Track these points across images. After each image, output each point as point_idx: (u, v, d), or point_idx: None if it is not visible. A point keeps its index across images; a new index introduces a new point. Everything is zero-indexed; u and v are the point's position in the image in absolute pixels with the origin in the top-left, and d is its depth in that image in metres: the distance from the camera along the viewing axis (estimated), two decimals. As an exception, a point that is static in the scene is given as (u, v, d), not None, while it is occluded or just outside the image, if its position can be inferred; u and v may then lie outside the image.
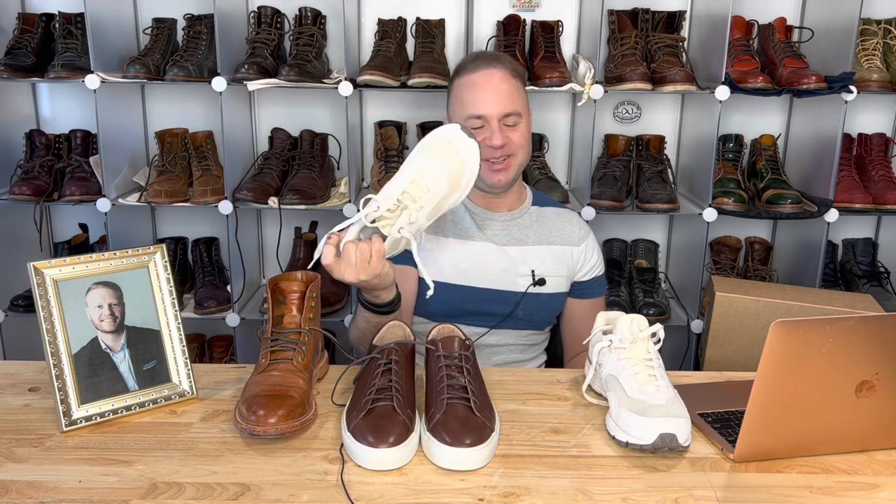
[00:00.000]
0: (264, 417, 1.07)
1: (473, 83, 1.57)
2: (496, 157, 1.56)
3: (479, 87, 1.57)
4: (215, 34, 2.21)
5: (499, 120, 1.55)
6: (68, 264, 1.19)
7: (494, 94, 1.55)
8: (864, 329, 1.04)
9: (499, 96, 1.55)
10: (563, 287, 1.69)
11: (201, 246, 2.52)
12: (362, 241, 1.26)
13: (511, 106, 1.56)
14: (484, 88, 1.56)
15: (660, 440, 1.07)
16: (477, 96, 1.56)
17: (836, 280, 2.52)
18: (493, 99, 1.55)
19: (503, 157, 1.57)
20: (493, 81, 1.56)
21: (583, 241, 1.72)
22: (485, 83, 1.56)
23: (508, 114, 1.56)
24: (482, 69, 1.58)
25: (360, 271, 1.26)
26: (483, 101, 1.55)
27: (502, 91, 1.56)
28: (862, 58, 2.29)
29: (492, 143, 1.54)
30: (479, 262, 1.62)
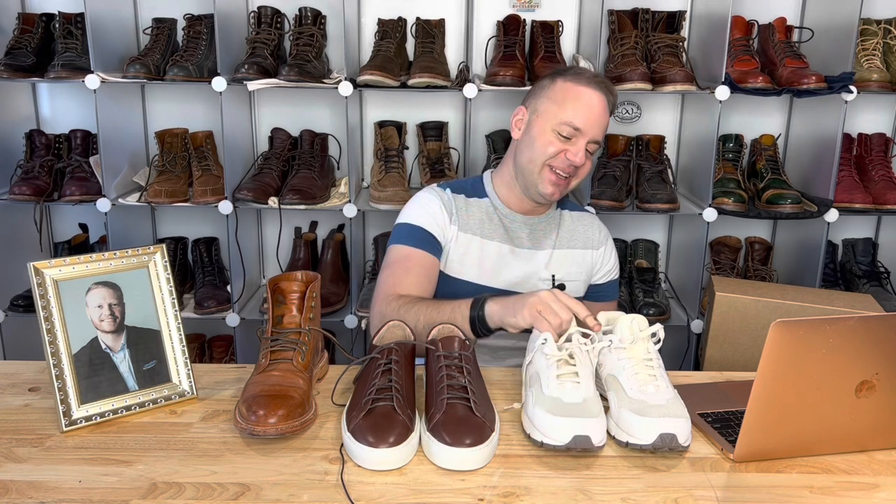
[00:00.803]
0: (264, 417, 1.07)
1: (584, 96, 1.57)
2: (564, 172, 1.57)
3: (587, 103, 1.57)
4: (215, 34, 2.21)
5: (587, 141, 1.57)
6: (68, 264, 1.19)
7: (598, 117, 1.57)
8: (864, 329, 1.04)
9: (600, 122, 1.58)
10: (581, 291, 1.70)
11: (201, 246, 2.52)
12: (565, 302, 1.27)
13: (600, 135, 1.60)
14: (592, 108, 1.57)
15: (660, 440, 1.06)
16: (582, 110, 1.56)
17: (836, 280, 2.52)
18: (595, 122, 1.57)
19: (568, 175, 1.58)
20: (601, 106, 1.58)
21: (602, 244, 1.73)
22: (594, 103, 1.57)
23: (596, 141, 1.59)
24: (597, 90, 1.58)
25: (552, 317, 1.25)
26: (587, 117, 1.56)
27: (603, 119, 1.59)
28: (862, 58, 2.29)
29: (573, 158, 1.55)
30: (500, 262, 1.63)
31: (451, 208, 1.64)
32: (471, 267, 1.61)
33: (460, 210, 1.64)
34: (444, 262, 1.62)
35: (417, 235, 1.59)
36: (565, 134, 1.55)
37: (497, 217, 1.66)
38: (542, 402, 1.11)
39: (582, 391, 1.11)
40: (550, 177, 1.57)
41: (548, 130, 1.57)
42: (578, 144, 1.55)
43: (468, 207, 1.66)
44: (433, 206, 1.63)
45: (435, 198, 1.64)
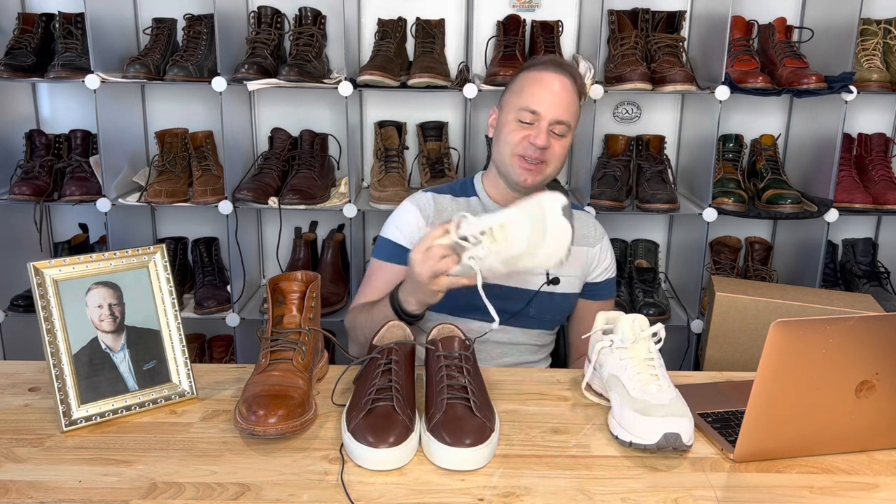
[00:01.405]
0: (264, 417, 1.07)
1: (539, 80, 1.59)
2: (531, 158, 1.57)
3: (543, 86, 1.58)
4: (215, 34, 2.21)
5: (549, 123, 1.56)
6: (68, 264, 1.19)
7: (555, 97, 1.57)
8: (864, 329, 1.04)
9: (559, 101, 1.57)
10: (576, 287, 1.70)
11: (201, 246, 2.52)
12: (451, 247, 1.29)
13: (565, 115, 1.57)
14: (547, 88, 1.57)
15: (664, 440, 1.07)
16: (538, 92, 1.57)
17: (836, 280, 2.52)
18: (553, 102, 1.56)
19: (537, 161, 1.57)
20: (557, 85, 1.57)
21: (598, 242, 1.72)
22: (549, 84, 1.57)
23: (560, 122, 1.57)
24: (552, 71, 1.59)
25: (427, 271, 1.29)
26: (543, 99, 1.56)
27: (562, 98, 1.57)
28: (862, 58, 2.29)
29: (535, 140, 1.55)
30: None
31: (429, 211, 1.65)
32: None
33: (444, 211, 1.65)
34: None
35: (389, 249, 1.65)
36: (526, 120, 1.56)
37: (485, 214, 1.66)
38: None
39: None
40: (521, 164, 1.58)
41: (511, 119, 1.59)
42: (540, 127, 1.56)
43: (456, 206, 1.67)
44: (408, 216, 1.66)
45: (412, 207, 1.67)
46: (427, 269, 1.30)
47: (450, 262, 1.29)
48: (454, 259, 1.29)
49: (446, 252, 1.29)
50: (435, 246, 1.29)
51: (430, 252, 1.29)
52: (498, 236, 1.25)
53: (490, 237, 1.25)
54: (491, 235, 1.25)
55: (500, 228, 1.25)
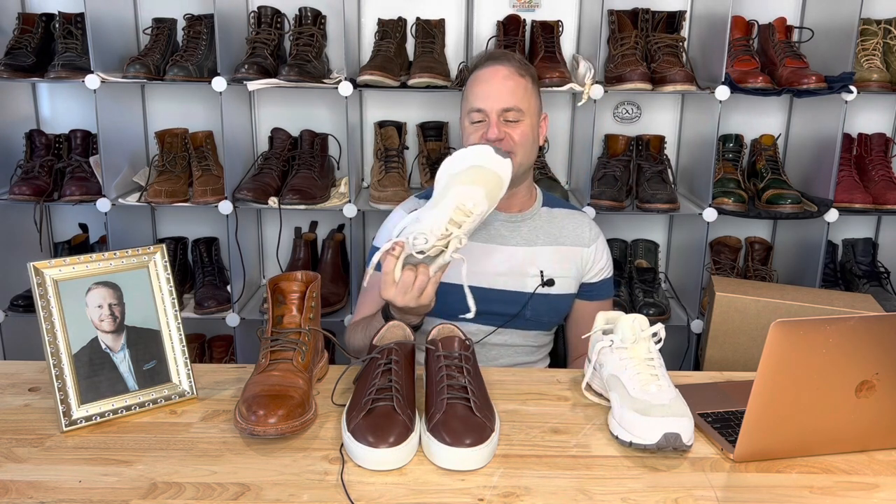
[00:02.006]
0: (264, 417, 1.07)
1: (478, 79, 1.62)
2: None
3: (482, 82, 1.60)
4: (215, 34, 2.21)
5: (498, 114, 1.57)
6: (68, 264, 1.19)
7: (496, 89, 1.58)
8: (864, 329, 1.04)
9: (500, 91, 1.58)
10: (572, 288, 1.70)
11: (201, 246, 2.52)
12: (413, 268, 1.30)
13: (511, 101, 1.57)
14: (487, 83, 1.59)
15: (664, 440, 1.07)
16: (479, 90, 1.60)
17: (836, 280, 2.52)
18: (494, 93, 1.58)
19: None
20: (496, 77, 1.59)
21: (593, 242, 1.72)
22: (488, 79, 1.60)
23: (508, 108, 1.57)
24: (488, 66, 1.61)
25: (411, 299, 1.30)
26: (484, 95, 1.58)
27: (505, 87, 1.58)
28: (862, 58, 2.29)
29: (488, 135, 1.56)
30: (487, 262, 1.63)
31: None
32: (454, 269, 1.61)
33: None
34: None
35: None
36: (477, 119, 1.59)
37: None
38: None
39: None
40: None
41: (467, 125, 1.62)
42: (490, 121, 1.57)
43: None
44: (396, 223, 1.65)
45: (400, 213, 1.68)
46: (412, 299, 1.30)
47: (423, 275, 1.29)
48: (425, 269, 1.29)
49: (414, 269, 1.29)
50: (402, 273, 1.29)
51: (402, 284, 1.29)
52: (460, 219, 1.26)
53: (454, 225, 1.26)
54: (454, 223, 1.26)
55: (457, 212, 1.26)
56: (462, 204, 1.28)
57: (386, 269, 1.30)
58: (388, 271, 1.30)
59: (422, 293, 1.30)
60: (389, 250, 1.29)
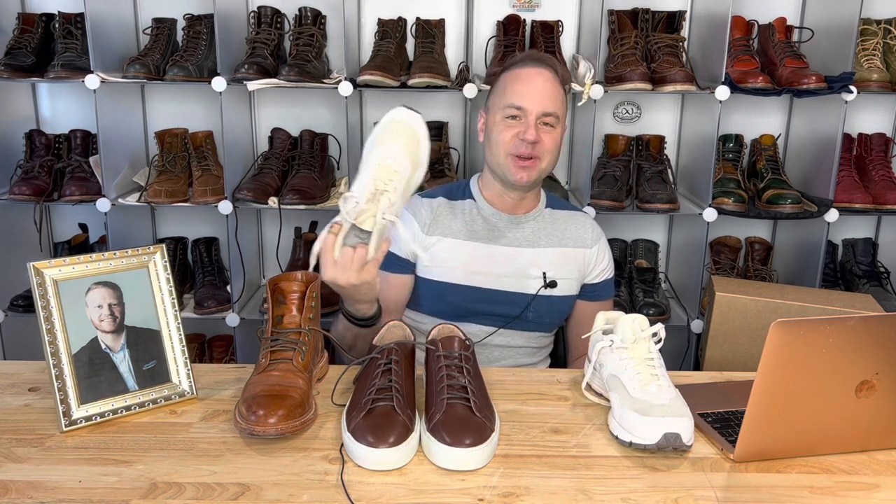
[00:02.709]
0: (264, 417, 1.07)
1: (519, 77, 1.59)
2: (524, 154, 1.56)
3: (524, 82, 1.58)
4: (215, 34, 2.21)
5: (537, 117, 1.56)
6: (68, 264, 1.19)
7: (538, 91, 1.57)
8: (864, 329, 1.04)
9: (542, 94, 1.57)
10: (574, 289, 1.70)
11: (201, 246, 2.52)
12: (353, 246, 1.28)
13: (551, 106, 1.57)
14: (529, 83, 1.57)
15: (664, 440, 1.07)
16: (521, 89, 1.57)
17: (836, 280, 2.52)
18: (536, 95, 1.56)
19: (530, 157, 1.57)
20: (539, 79, 1.58)
21: (595, 243, 1.72)
22: (531, 79, 1.58)
23: (547, 113, 1.57)
24: (532, 66, 1.59)
25: (353, 276, 1.28)
26: (526, 94, 1.57)
27: (546, 90, 1.57)
28: (862, 58, 2.29)
29: (525, 136, 1.55)
30: (489, 263, 1.62)
31: (424, 217, 1.65)
32: (456, 270, 1.62)
33: (441, 215, 1.65)
34: (426, 269, 1.63)
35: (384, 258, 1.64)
36: (513, 115, 1.57)
37: (481, 218, 1.66)
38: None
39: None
40: (515, 162, 1.57)
41: (498, 120, 1.59)
42: (527, 122, 1.55)
43: (452, 210, 1.66)
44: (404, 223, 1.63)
45: (407, 214, 1.66)
46: (353, 274, 1.28)
47: (362, 252, 1.27)
48: (364, 245, 1.27)
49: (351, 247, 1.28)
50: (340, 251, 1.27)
51: (342, 261, 1.27)
52: (385, 176, 1.26)
53: (381, 183, 1.26)
54: (381, 181, 1.26)
55: (381, 169, 1.27)
56: (382, 160, 1.28)
57: (325, 247, 1.28)
58: (326, 249, 1.28)
59: (362, 267, 1.28)
60: (329, 230, 1.28)
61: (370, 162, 1.30)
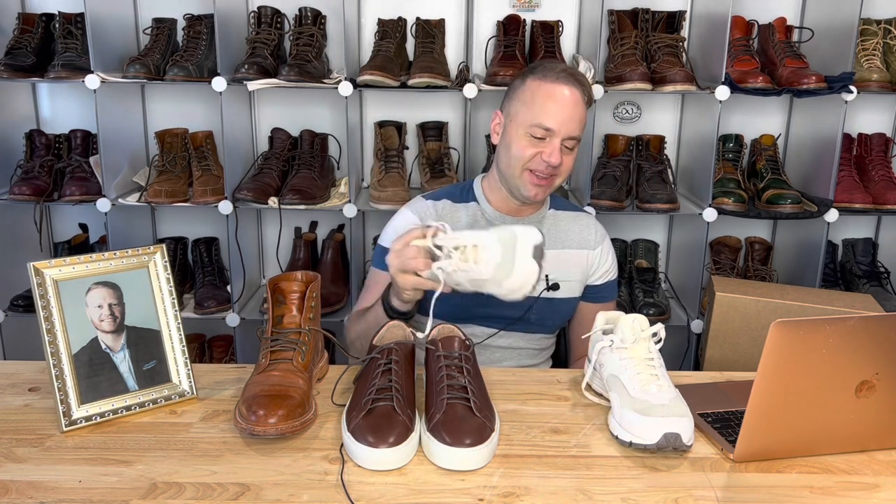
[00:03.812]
0: (264, 417, 1.07)
1: (553, 94, 1.53)
2: (543, 173, 1.55)
3: (556, 101, 1.53)
4: (215, 34, 2.21)
5: (562, 139, 1.53)
6: (68, 264, 1.19)
7: (570, 114, 1.53)
8: (864, 329, 1.04)
9: (572, 117, 1.53)
10: (577, 292, 1.69)
11: (201, 246, 2.52)
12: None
13: (577, 131, 1.55)
14: (562, 105, 1.53)
15: (664, 440, 1.07)
16: (552, 108, 1.53)
17: (836, 280, 2.52)
18: (567, 118, 1.53)
19: (548, 175, 1.56)
20: (571, 101, 1.53)
21: (598, 244, 1.71)
22: (564, 100, 1.53)
23: (572, 137, 1.55)
24: (565, 84, 1.54)
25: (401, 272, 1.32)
26: (556, 115, 1.52)
27: (576, 113, 1.54)
28: (862, 58, 2.29)
29: (549, 159, 1.52)
30: None
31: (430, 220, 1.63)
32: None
33: (445, 217, 1.64)
34: None
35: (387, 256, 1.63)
36: (538, 136, 1.53)
37: (485, 221, 1.65)
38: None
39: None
40: (531, 179, 1.56)
41: (521, 134, 1.54)
42: (553, 144, 1.53)
43: (455, 213, 1.65)
44: (405, 224, 1.63)
45: (410, 214, 1.66)
46: (398, 263, 1.31)
47: (419, 263, 1.29)
48: (425, 262, 1.29)
49: (419, 253, 1.30)
50: (411, 245, 1.30)
51: (406, 249, 1.30)
52: (469, 256, 1.26)
53: (462, 254, 1.26)
54: (463, 253, 1.26)
55: (472, 249, 1.26)
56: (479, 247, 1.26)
57: (411, 234, 1.31)
58: (411, 236, 1.31)
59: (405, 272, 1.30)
60: (427, 226, 1.30)
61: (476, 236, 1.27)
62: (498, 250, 1.24)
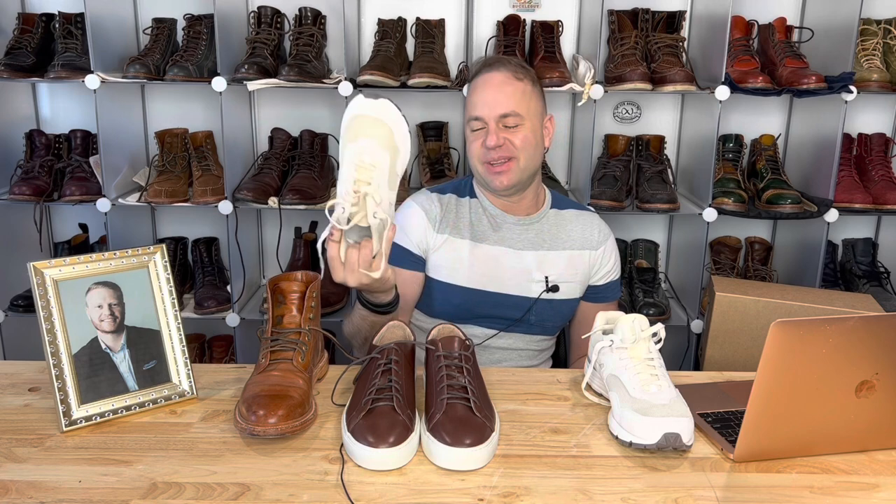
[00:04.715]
0: (264, 417, 1.07)
1: (476, 86, 1.61)
2: (494, 159, 1.56)
3: (480, 89, 1.59)
4: (215, 34, 2.21)
5: (496, 121, 1.56)
6: (68, 264, 1.19)
7: (492, 95, 1.57)
8: (864, 329, 1.04)
9: (497, 98, 1.56)
10: (577, 293, 1.69)
11: (201, 246, 2.52)
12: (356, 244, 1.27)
13: (509, 106, 1.55)
14: (483, 91, 1.58)
15: (664, 440, 1.07)
16: (476, 99, 1.59)
17: (836, 280, 2.52)
18: (491, 100, 1.56)
19: (502, 160, 1.56)
20: (492, 83, 1.57)
21: (602, 244, 1.70)
22: (484, 86, 1.58)
23: (505, 114, 1.55)
24: (485, 72, 1.60)
25: (364, 277, 1.27)
26: (481, 102, 1.57)
27: (501, 93, 1.56)
28: (862, 58, 2.29)
29: (486, 143, 1.55)
30: (493, 265, 1.62)
31: (436, 215, 1.63)
32: (461, 271, 1.61)
33: (450, 212, 1.64)
34: (435, 269, 1.62)
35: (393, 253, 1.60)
36: (477, 128, 1.58)
37: (486, 218, 1.65)
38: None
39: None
40: (489, 170, 1.58)
41: (469, 134, 1.62)
42: (489, 128, 1.56)
43: (459, 209, 1.66)
44: (411, 218, 1.63)
45: (417, 210, 1.64)
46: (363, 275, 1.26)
47: (365, 248, 1.25)
48: (368, 242, 1.25)
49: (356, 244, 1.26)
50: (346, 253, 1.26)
51: (349, 263, 1.26)
52: (364, 175, 1.22)
53: (363, 184, 1.22)
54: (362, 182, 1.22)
55: (359, 169, 1.22)
56: (359, 160, 1.23)
57: (331, 254, 1.27)
58: (332, 256, 1.27)
59: (370, 266, 1.26)
60: (328, 237, 1.26)
61: (346, 162, 1.25)
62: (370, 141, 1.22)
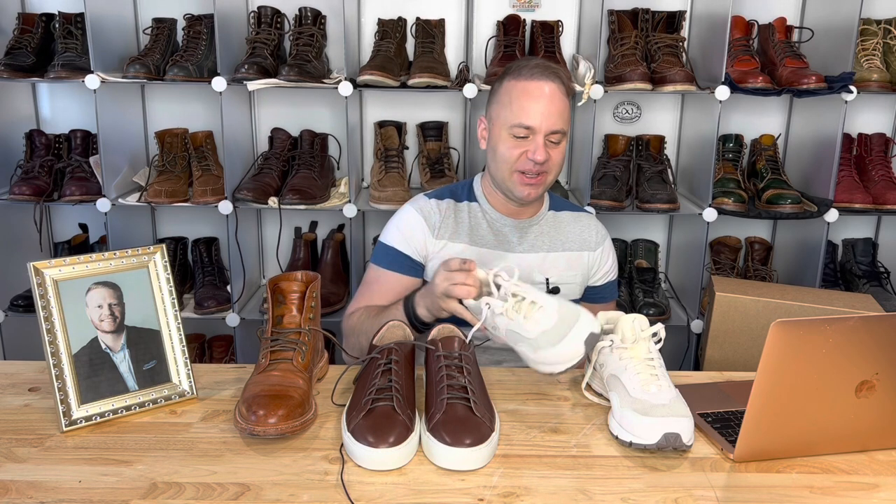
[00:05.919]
0: (264, 417, 1.07)
1: (528, 92, 1.52)
2: (532, 172, 1.54)
3: (532, 98, 1.52)
4: (215, 34, 2.21)
5: (545, 135, 1.52)
6: (68, 264, 1.19)
7: (547, 108, 1.51)
8: (864, 329, 1.04)
9: (551, 111, 1.51)
10: (577, 293, 1.69)
11: (201, 246, 2.52)
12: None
13: (560, 124, 1.53)
14: (538, 100, 1.51)
15: (664, 440, 1.07)
16: (529, 106, 1.52)
17: (836, 280, 2.52)
18: (545, 113, 1.51)
19: (538, 173, 1.54)
20: (545, 94, 1.52)
21: (599, 245, 1.70)
22: (539, 95, 1.52)
23: (556, 131, 1.53)
24: (539, 79, 1.53)
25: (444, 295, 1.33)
26: (535, 112, 1.51)
27: (555, 107, 1.52)
28: (862, 58, 2.29)
29: (534, 156, 1.51)
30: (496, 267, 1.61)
31: (434, 221, 1.62)
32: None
33: (448, 218, 1.63)
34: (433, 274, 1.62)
35: (390, 257, 1.63)
36: (521, 135, 1.52)
37: (486, 222, 1.65)
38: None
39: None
40: (521, 180, 1.55)
41: (505, 136, 1.54)
42: (536, 141, 1.51)
43: (458, 214, 1.65)
44: (411, 224, 1.63)
45: (416, 216, 1.64)
46: (445, 285, 1.32)
47: (465, 291, 1.30)
48: (472, 292, 1.29)
49: (472, 281, 1.30)
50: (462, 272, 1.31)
51: (456, 275, 1.31)
52: (523, 308, 1.22)
53: (517, 303, 1.23)
54: (518, 303, 1.23)
55: (529, 305, 1.22)
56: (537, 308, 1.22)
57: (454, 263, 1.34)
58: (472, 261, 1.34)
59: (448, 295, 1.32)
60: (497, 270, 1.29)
61: (539, 295, 1.24)
62: (554, 319, 1.20)
